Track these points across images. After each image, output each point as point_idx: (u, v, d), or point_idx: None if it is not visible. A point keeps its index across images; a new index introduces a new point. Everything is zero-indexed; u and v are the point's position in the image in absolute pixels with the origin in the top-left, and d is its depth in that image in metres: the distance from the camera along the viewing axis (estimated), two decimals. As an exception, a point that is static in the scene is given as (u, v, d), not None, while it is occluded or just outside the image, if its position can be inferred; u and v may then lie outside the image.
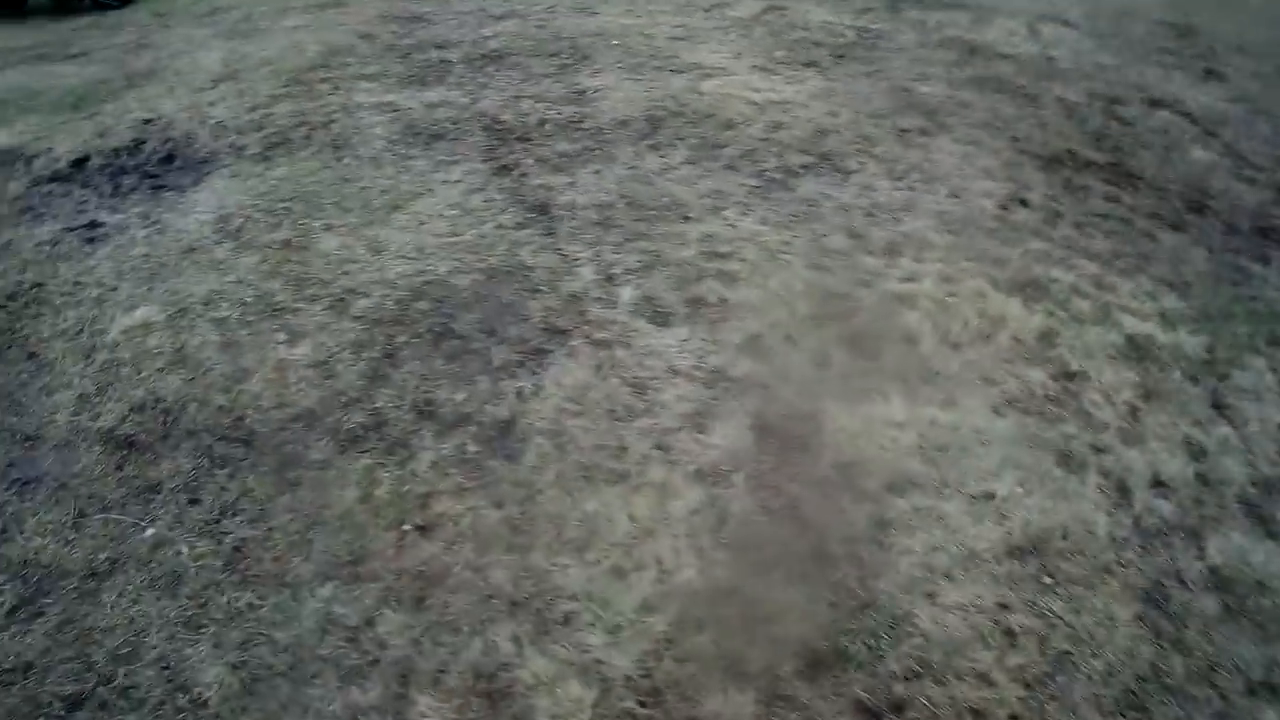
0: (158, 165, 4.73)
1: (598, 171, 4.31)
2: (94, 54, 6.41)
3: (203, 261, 3.73)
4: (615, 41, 5.82)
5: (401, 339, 3.28)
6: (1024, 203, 4.34)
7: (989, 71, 5.47)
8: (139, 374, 3.15)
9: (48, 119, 5.42)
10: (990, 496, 2.89)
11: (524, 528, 2.67)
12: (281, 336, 3.26)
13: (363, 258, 3.67)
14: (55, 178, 4.78)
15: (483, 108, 4.86)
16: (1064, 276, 3.83)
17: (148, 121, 5.18)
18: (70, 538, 2.60)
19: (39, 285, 3.74)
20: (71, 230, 4.18)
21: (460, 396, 3.07)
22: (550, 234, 3.86)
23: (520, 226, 3.88)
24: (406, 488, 2.75)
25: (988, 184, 4.43)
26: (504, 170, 4.30)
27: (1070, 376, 3.37)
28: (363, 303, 3.43)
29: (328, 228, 3.87)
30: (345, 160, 4.43)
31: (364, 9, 6.74)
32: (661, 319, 3.47)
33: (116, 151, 4.92)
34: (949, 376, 3.33)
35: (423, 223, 3.90)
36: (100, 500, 2.71)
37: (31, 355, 3.31)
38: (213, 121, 5.02)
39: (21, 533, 2.62)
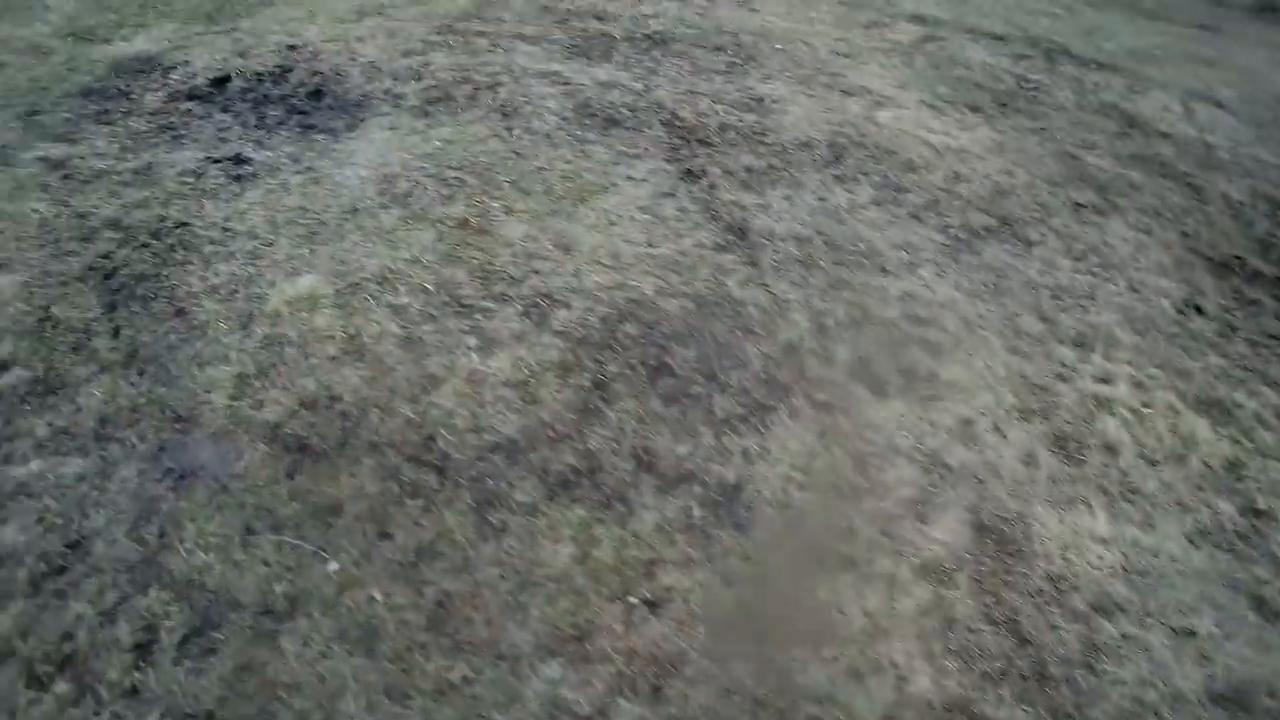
0: (306, 100, 4.10)
1: (788, 197, 3.74)
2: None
3: (368, 228, 3.15)
4: (779, 45, 5.19)
5: (613, 368, 2.74)
6: (1199, 310, 3.86)
7: (1150, 150, 4.91)
8: (307, 359, 2.60)
9: (184, 28, 4.76)
10: (1191, 634, 2.60)
11: (758, 612, 2.27)
12: (473, 341, 2.71)
13: (552, 255, 3.11)
14: (193, 95, 4.15)
15: (659, 98, 4.25)
16: (1247, 402, 3.43)
17: (292, 48, 4.53)
18: (239, 559, 2.08)
19: (184, 225, 3.15)
20: (216, 162, 3.57)
21: (683, 449, 2.56)
22: (754, 264, 3.31)
23: (720, 249, 3.32)
24: (630, 552, 2.24)
25: (1163, 282, 3.94)
26: (691, 176, 3.72)
27: (1258, 514, 3.02)
28: (563, 314, 2.87)
29: (508, 210, 3.29)
30: (516, 132, 3.83)
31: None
32: (878, 388, 2.98)
33: (259, 77, 4.28)
34: (1147, 495, 2.99)
35: (613, 223, 3.33)
36: (270, 515, 2.18)
37: (180, 312, 2.75)
38: (364, 60, 4.38)
39: (182, 542, 2.09)
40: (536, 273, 3.03)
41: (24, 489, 2.21)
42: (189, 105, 4.09)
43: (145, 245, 3.05)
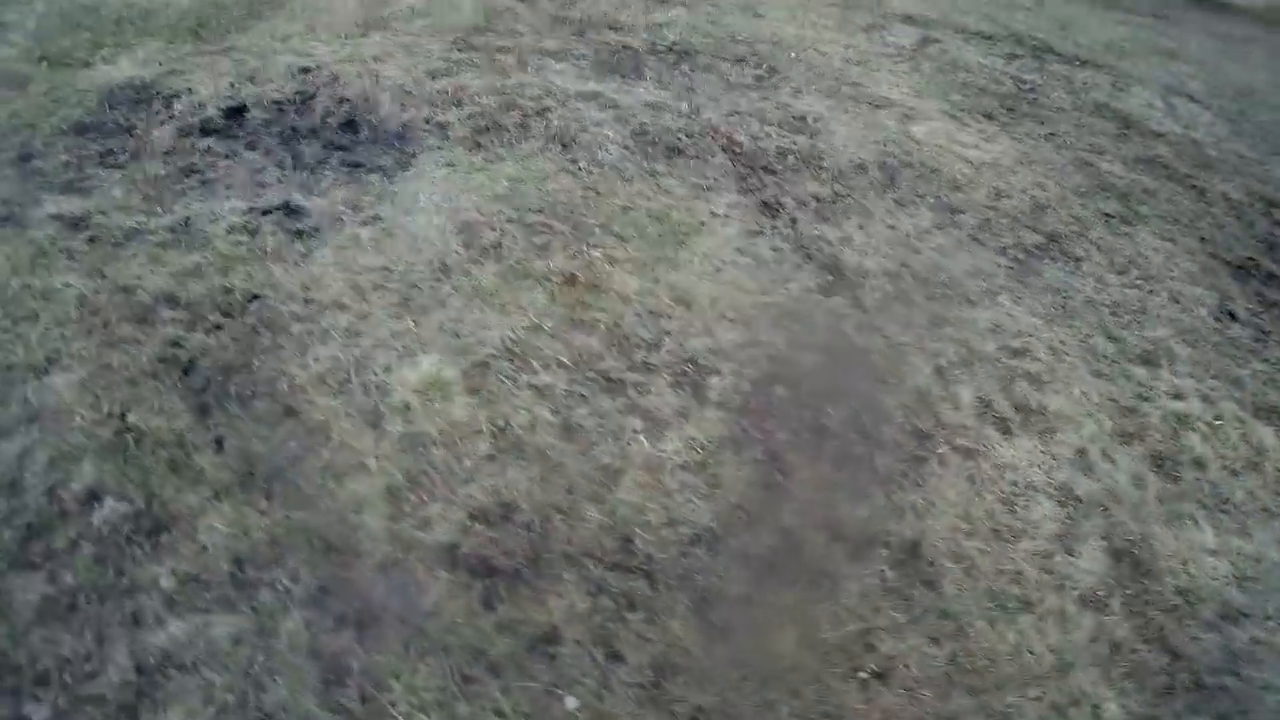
0: (340, 132, 3.54)
1: (862, 226, 3.53)
2: (195, -36, 4.86)
3: (467, 289, 2.73)
4: (794, 54, 4.91)
5: (780, 437, 2.48)
6: (1233, 316, 3.93)
7: (1150, 152, 4.95)
8: (460, 461, 2.21)
9: (171, 47, 4.05)
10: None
11: (967, 665, 2.16)
12: (638, 424, 2.38)
13: (675, 312, 2.79)
14: (208, 129, 3.52)
15: (709, 121, 3.91)
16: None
17: (305, 70, 3.91)
18: (465, 713, 1.73)
19: (257, 298, 2.63)
20: (265, 214, 3.02)
21: (862, 513, 2.36)
22: (861, 307, 3.09)
23: (826, 292, 3.08)
24: (847, 626, 2.05)
25: (1197, 290, 3.97)
26: (769, 210, 3.44)
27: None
28: (716, 382, 2.57)
29: (611, 261, 2.93)
30: (583, 165, 3.43)
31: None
32: (1003, 426, 2.85)
33: (279, 106, 3.68)
34: (1237, 505, 3.01)
35: (719, 270, 3.02)
36: (482, 655, 1.83)
37: (291, 412, 2.28)
38: (391, 83, 3.83)
39: (393, 705, 1.72)
40: (668, 334, 2.70)
41: (172, 661, 1.77)
42: (207, 142, 3.46)
43: (219, 327, 2.52)
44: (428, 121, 3.60)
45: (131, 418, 2.26)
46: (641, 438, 2.38)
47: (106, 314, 2.59)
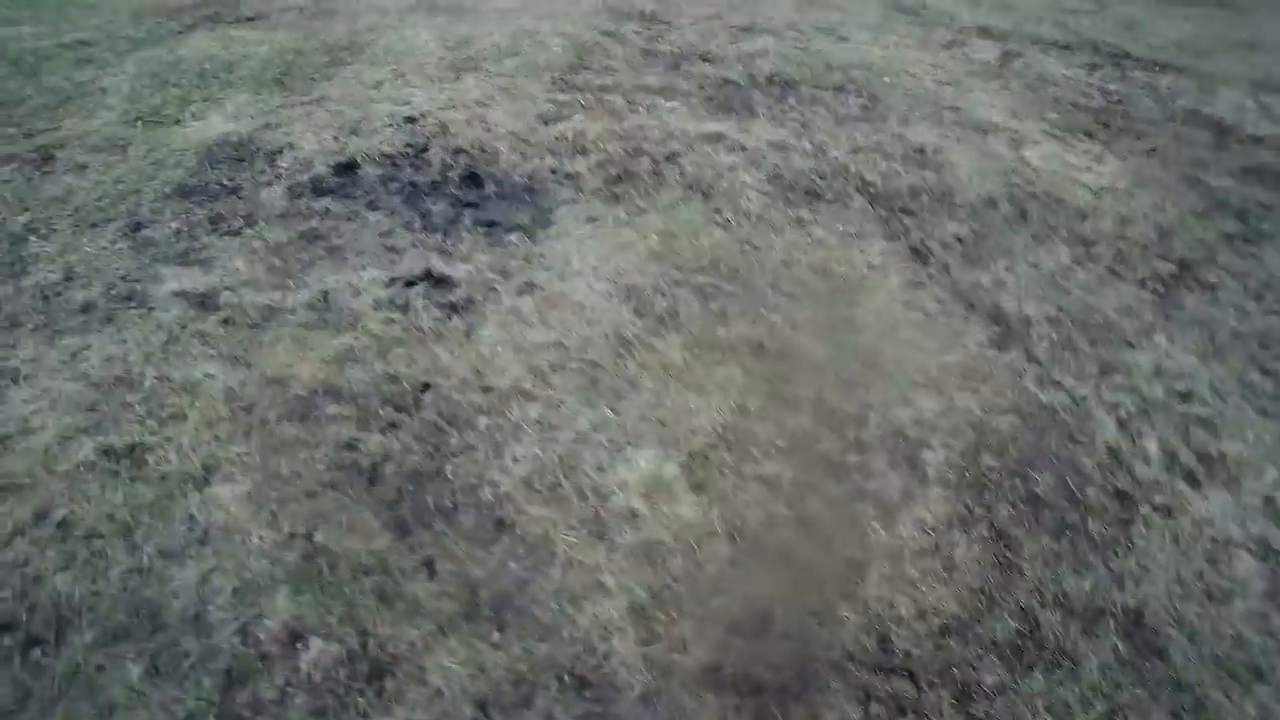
0: (464, 187, 3.23)
1: (1008, 268, 3.24)
2: (271, 16, 4.53)
3: (655, 366, 2.42)
4: (888, 79, 4.62)
5: (1002, 511, 2.20)
6: None
7: (1254, 160, 4.68)
8: (703, 570, 1.91)
9: (258, 99, 3.73)
10: None
11: None
12: (870, 511, 2.10)
13: (867, 379, 2.50)
14: (320, 188, 3.21)
15: (837, 160, 3.62)
16: None
17: (410, 120, 3.59)
18: None
19: (428, 387, 2.31)
20: (409, 285, 2.70)
21: (1086, 584, 2.09)
22: (1034, 359, 2.81)
23: (997, 346, 2.79)
24: (1096, 708, 1.80)
25: (1334, 312, 3.73)
26: (919, 256, 3.15)
27: None
28: (929, 456, 2.29)
29: (791, 324, 2.63)
30: (727, 215, 3.12)
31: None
32: (1191, 479, 2.58)
33: (392, 160, 3.36)
34: None
35: (895, 328, 2.74)
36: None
37: (503, 525, 1.97)
38: (503, 131, 3.51)
39: None
40: (869, 406, 2.41)
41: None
42: (323, 203, 3.15)
43: (394, 425, 2.20)
44: (554, 171, 3.28)
45: (319, 538, 1.95)
46: (878, 526, 2.09)
47: (262, 411, 2.27)
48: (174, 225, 3.13)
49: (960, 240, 3.34)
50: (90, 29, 4.50)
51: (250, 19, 4.62)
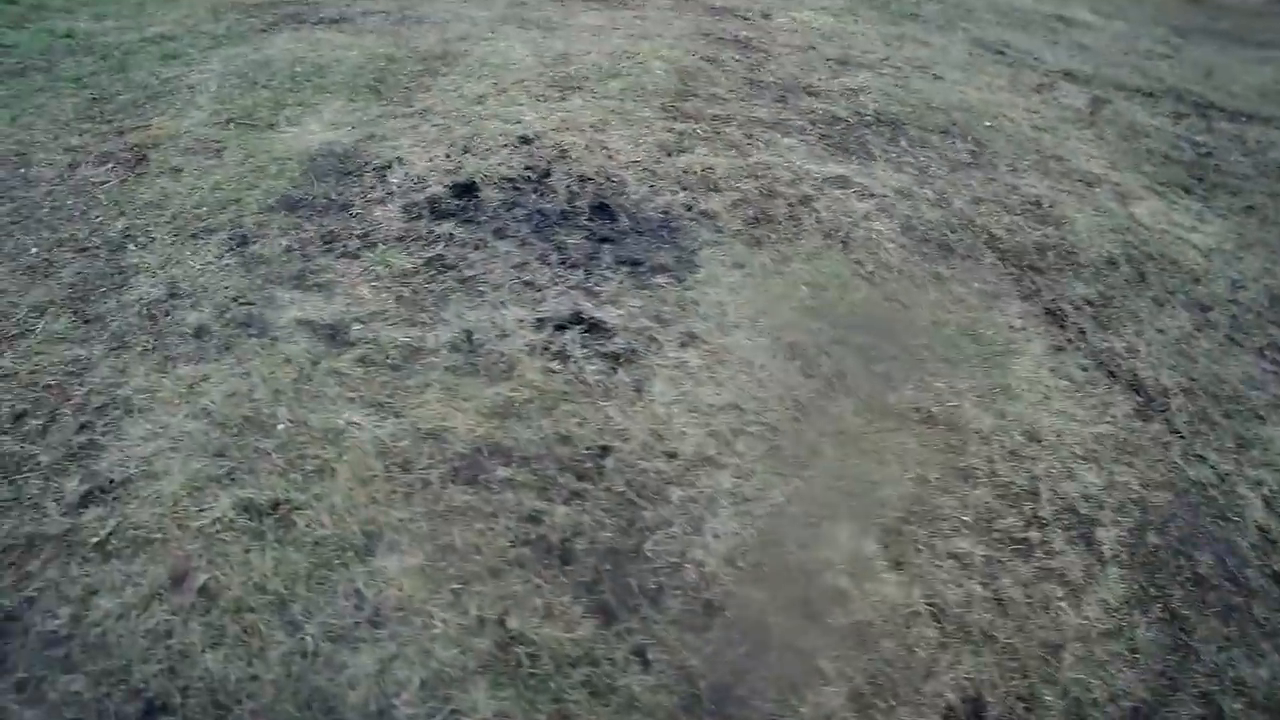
0: (597, 220, 3.27)
1: (1138, 334, 3.38)
2: (355, 20, 4.53)
3: (833, 433, 2.50)
4: (988, 123, 4.77)
5: (1174, 592, 2.32)
6: None
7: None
8: (913, 654, 2.00)
9: (354, 105, 3.75)
10: None
11: None
12: (1058, 592, 2.21)
13: (1032, 451, 2.61)
14: (440, 211, 3.24)
15: (961, 211, 3.73)
16: None
17: (526, 141, 3.63)
18: None
19: (607, 450, 2.36)
20: (561, 329, 2.74)
21: (1264, 673, 2.21)
22: (1177, 431, 2.94)
23: (1141, 417, 2.92)
24: None
25: None
26: (1055, 319, 3.27)
27: None
28: (1103, 534, 2.40)
29: (954, 391, 2.72)
30: (869, 268, 3.22)
31: (661, 12, 5.20)
32: None
33: (514, 184, 3.39)
34: None
35: (1047, 396, 2.85)
36: None
37: (714, 609, 2.02)
38: (627, 160, 3.57)
39: None
40: (1038, 479, 2.51)
41: None
42: (445, 227, 3.17)
43: (578, 495, 2.23)
44: (689, 208, 3.35)
45: (513, 623, 1.94)
46: (1064, 606, 2.19)
47: (421, 470, 2.27)
48: (283, 241, 3.13)
49: (1090, 303, 3.47)
50: (170, 23, 4.45)
51: (335, 21, 4.61)
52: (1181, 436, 2.98)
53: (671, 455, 2.35)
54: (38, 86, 3.76)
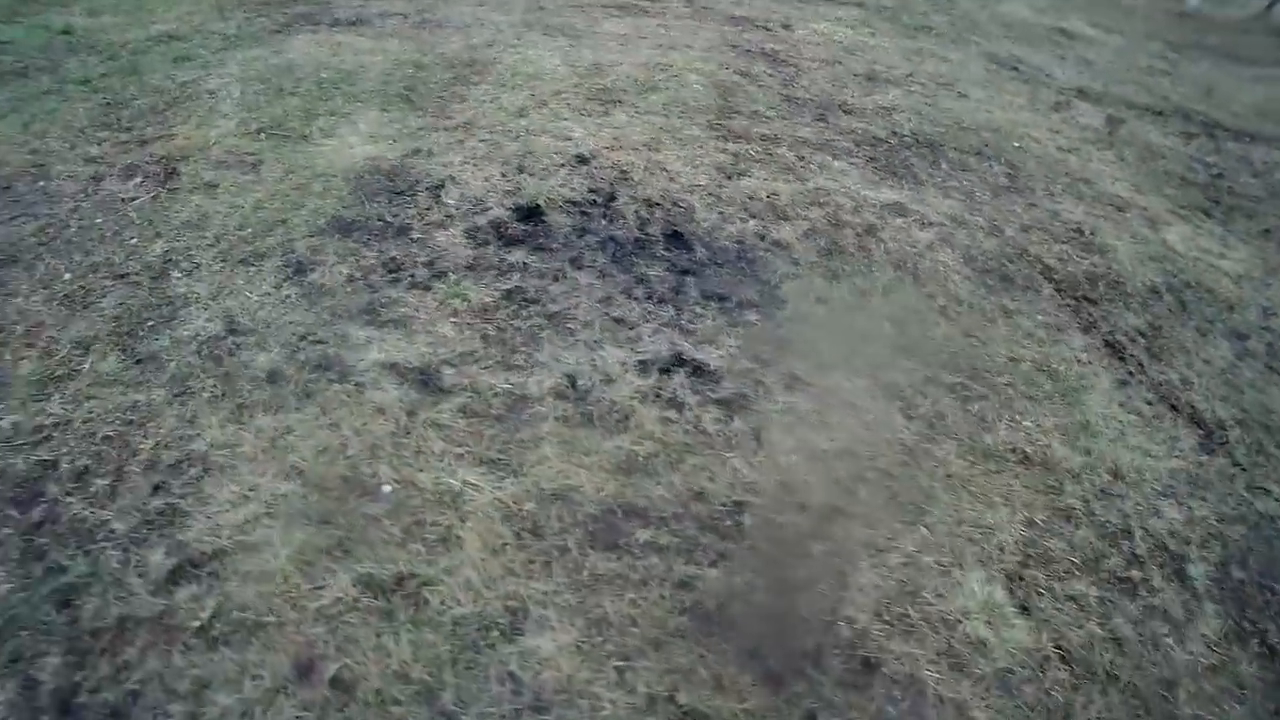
0: (674, 250, 3.37)
1: (1188, 365, 3.69)
2: (373, 23, 4.46)
3: (941, 477, 2.68)
4: (1016, 144, 5.06)
5: (1268, 627, 2.58)
6: None
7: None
8: (1050, 697, 2.19)
9: (389, 116, 3.75)
10: None
11: None
12: (1163, 626, 2.44)
13: (1118, 489, 2.85)
14: (507, 237, 3.29)
15: (1014, 240, 3.98)
16: None
17: (583, 160, 3.69)
18: None
19: (741, 506, 2.47)
20: (665, 373, 2.83)
21: None
22: (1238, 465, 3.24)
23: (1205, 450, 3.20)
24: None
25: None
26: (1114, 351, 3.54)
27: None
28: (1194, 570, 2.66)
29: (1042, 430, 2.95)
30: (941, 301, 3.41)
31: (683, 21, 5.30)
32: None
33: (581, 209, 3.46)
34: None
35: (1123, 433, 3.10)
36: None
37: (871, 665, 2.17)
38: (689, 184, 3.67)
39: None
40: (1128, 517, 2.76)
41: None
42: (516, 254, 3.21)
43: (724, 557, 2.29)
44: (762, 238, 3.47)
45: (684, 698, 1.95)
46: (1171, 642, 2.43)
47: (554, 536, 2.26)
48: (343, 270, 3.10)
49: (1142, 334, 3.77)
50: (174, 21, 4.29)
51: (352, 23, 4.53)
52: (1243, 469, 3.28)
53: (803, 507, 2.48)
54: (44, 89, 3.58)
